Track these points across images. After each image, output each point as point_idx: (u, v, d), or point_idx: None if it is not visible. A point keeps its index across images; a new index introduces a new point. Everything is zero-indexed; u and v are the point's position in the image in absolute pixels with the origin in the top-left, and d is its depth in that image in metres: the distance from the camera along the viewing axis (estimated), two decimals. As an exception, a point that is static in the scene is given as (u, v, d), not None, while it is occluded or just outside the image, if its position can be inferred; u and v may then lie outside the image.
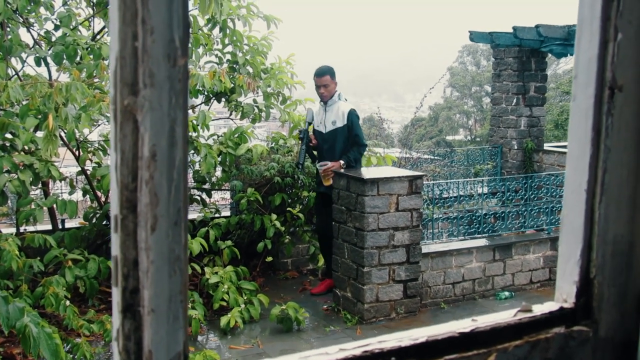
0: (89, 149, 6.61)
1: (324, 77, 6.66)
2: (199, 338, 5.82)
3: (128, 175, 0.62)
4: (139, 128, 0.61)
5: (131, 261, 0.63)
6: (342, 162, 6.55)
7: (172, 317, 0.65)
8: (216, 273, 6.22)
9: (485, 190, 8.70)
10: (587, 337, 0.92)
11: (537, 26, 9.56)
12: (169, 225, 0.63)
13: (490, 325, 0.86)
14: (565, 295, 0.93)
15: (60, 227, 6.81)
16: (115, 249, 0.63)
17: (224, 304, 6.05)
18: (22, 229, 6.29)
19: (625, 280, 0.93)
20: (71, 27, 6.19)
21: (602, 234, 0.90)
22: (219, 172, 7.40)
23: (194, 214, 7.47)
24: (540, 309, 0.91)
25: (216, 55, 7.47)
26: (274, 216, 6.91)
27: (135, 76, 0.61)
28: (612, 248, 0.91)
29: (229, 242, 6.69)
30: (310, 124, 6.89)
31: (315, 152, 6.97)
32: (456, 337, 0.83)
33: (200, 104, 7.44)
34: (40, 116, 5.27)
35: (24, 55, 6.12)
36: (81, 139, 6.50)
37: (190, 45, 6.80)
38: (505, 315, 0.89)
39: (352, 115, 6.70)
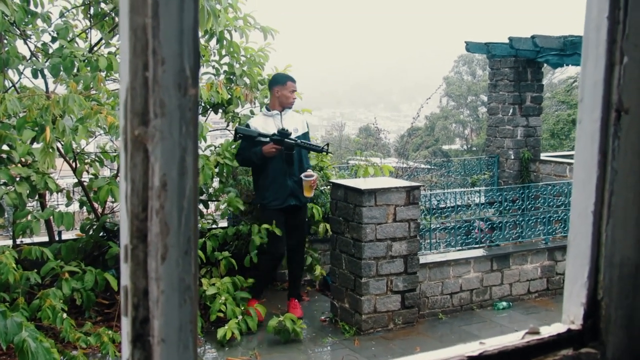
0: (86, 161, 6.59)
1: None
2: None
3: (138, 205, 0.62)
4: (150, 158, 0.61)
5: (141, 291, 0.63)
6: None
7: (182, 347, 0.64)
8: (213, 284, 6.20)
9: (483, 200, 8.71)
10: (594, 360, 0.91)
11: (533, 37, 9.61)
12: (179, 255, 0.63)
13: (498, 349, 0.85)
14: (572, 316, 0.93)
15: (57, 238, 6.79)
16: (125, 278, 0.63)
17: (221, 315, 6.04)
18: (18, 241, 6.27)
19: (632, 302, 0.93)
20: (68, 39, 6.19)
21: (609, 256, 0.90)
22: (216, 183, 7.39)
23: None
24: (547, 330, 0.91)
25: (213, 67, 7.47)
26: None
27: (145, 106, 0.60)
28: (619, 270, 0.91)
29: (226, 253, 6.66)
30: (257, 135, 6.28)
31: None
32: (464, 361, 0.83)
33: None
34: (37, 128, 5.26)
35: (21, 67, 6.12)
36: (78, 151, 6.48)
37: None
38: (513, 338, 0.88)
39: (308, 124, 6.71)
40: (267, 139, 6.21)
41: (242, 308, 6.17)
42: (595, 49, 0.88)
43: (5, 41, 5.93)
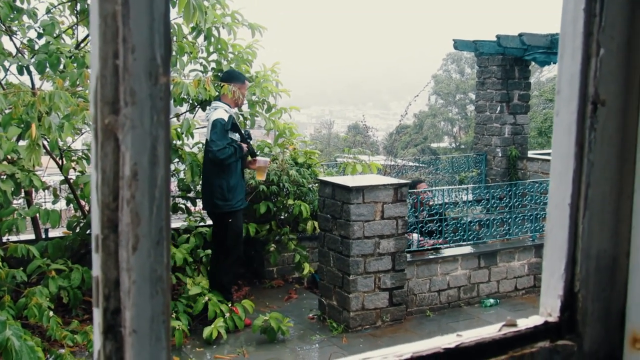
0: (73, 158, 6.55)
1: None
2: (183, 348, 5.77)
3: (109, 194, 0.61)
4: (120, 147, 0.61)
5: (112, 281, 0.62)
6: None
7: (154, 338, 0.64)
8: (198, 284, 6.16)
9: (470, 197, 8.73)
10: (571, 352, 0.92)
11: (520, 35, 9.63)
12: (151, 245, 0.63)
13: (475, 341, 0.85)
14: (549, 309, 0.93)
15: (43, 236, 6.75)
16: (96, 269, 0.62)
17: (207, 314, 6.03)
18: (4, 239, 6.23)
19: (609, 294, 0.93)
20: (54, 35, 6.15)
21: (585, 249, 0.91)
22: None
23: (178, 223, 7.44)
24: (525, 323, 0.91)
25: (201, 64, 7.45)
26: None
27: (116, 94, 0.60)
28: (595, 262, 0.92)
29: (208, 251, 6.66)
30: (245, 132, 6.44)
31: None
32: (441, 352, 0.83)
33: (185, 112, 7.42)
34: (22, 125, 5.22)
35: (6, 64, 6.07)
36: (64, 148, 6.44)
37: (174, 53, 6.77)
38: (490, 330, 0.88)
39: None
40: (237, 137, 6.22)
41: (229, 304, 6.16)
42: (572, 41, 0.88)
43: (-10, 37, 5.89)
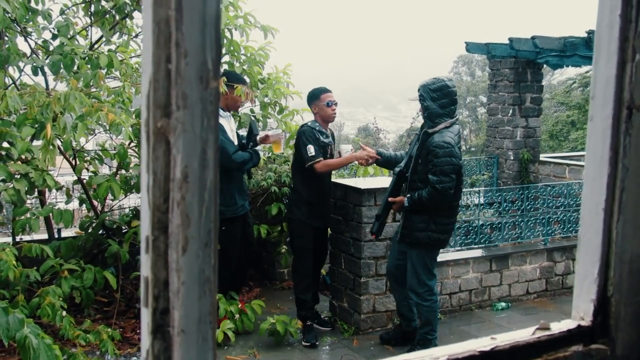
0: (86, 158, 6.59)
1: None
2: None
3: (160, 196, 0.62)
4: (171, 150, 0.62)
5: (162, 282, 0.63)
6: None
7: (201, 338, 0.65)
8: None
9: (482, 200, 8.71)
10: (604, 356, 0.92)
11: (533, 37, 9.62)
12: (200, 247, 0.64)
13: (509, 344, 0.86)
14: (582, 313, 0.94)
15: (56, 236, 6.78)
16: (145, 269, 0.63)
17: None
18: (18, 239, 6.27)
19: (642, 298, 0.93)
20: (69, 36, 6.18)
21: (619, 253, 0.91)
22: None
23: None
24: (558, 327, 0.92)
25: (213, 65, 7.46)
26: None
27: (168, 98, 0.61)
28: (629, 267, 0.92)
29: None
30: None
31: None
32: (476, 355, 0.83)
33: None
34: (37, 125, 5.25)
35: (21, 64, 6.10)
36: (77, 148, 6.48)
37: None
38: (524, 334, 0.89)
39: None
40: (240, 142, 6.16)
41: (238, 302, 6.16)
42: (608, 46, 0.89)
43: (5, 38, 5.93)
